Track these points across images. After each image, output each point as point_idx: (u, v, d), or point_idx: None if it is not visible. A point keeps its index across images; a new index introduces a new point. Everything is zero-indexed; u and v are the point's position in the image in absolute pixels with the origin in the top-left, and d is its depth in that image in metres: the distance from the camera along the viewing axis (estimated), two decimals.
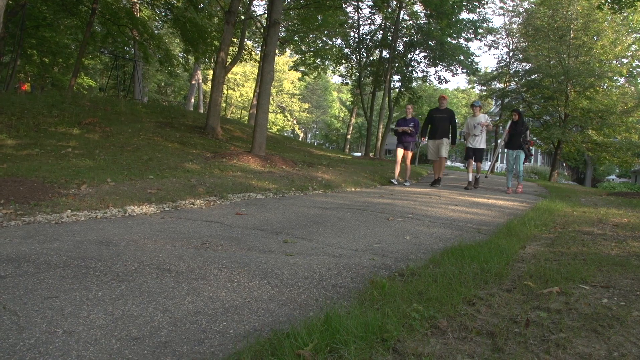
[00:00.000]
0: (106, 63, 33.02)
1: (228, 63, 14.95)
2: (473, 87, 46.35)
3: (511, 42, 34.47)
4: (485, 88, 37.83)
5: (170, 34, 31.00)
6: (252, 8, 18.84)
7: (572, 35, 25.64)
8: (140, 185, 6.85)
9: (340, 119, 69.56)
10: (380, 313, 2.41)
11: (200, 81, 39.17)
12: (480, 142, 11.20)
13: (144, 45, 22.01)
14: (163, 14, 22.37)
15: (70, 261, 3.24)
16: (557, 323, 2.31)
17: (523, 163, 10.94)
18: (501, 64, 35.13)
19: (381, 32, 26.56)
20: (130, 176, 7.34)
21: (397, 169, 11.98)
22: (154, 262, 3.25)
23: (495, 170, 35.39)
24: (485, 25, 26.84)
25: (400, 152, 11.71)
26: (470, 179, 11.38)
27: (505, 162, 9.70)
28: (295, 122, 65.69)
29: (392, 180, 11.79)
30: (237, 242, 4.15)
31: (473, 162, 11.40)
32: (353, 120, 49.86)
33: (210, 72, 19.29)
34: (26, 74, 29.79)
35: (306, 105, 66.21)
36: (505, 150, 11.14)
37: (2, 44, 20.68)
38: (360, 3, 25.11)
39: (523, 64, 32.36)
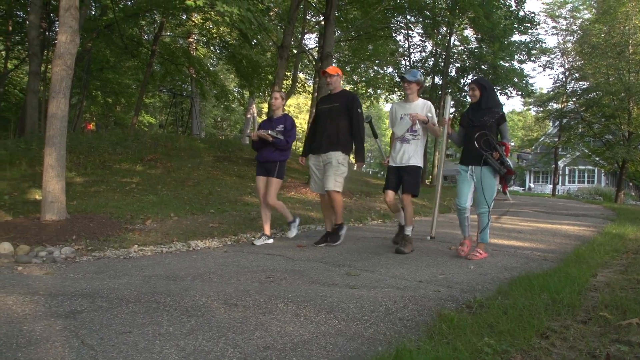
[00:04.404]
0: (165, 101, 34.28)
1: None
2: (529, 109, 45.36)
3: (566, 61, 33.67)
4: (541, 109, 36.94)
5: (225, 70, 31.96)
6: (304, 42, 19.23)
7: (631, 50, 24.86)
8: (202, 220, 7.02)
9: None
10: (452, 347, 2.36)
11: (255, 115, 39.93)
12: (411, 154, 5.68)
13: (201, 82, 22.80)
14: (218, 51, 23.14)
15: (141, 296, 3.33)
16: None
17: (495, 192, 5.26)
18: (557, 84, 34.30)
19: (432, 58, 26.48)
20: (192, 210, 7.53)
21: (263, 214, 6.43)
22: (220, 297, 3.30)
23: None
24: (538, 46, 26.34)
25: (260, 182, 6.33)
26: (402, 222, 5.92)
27: (458, 188, 5.39)
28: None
29: (255, 242, 6.18)
30: (301, 275, 4.17)
31: (400, 197, 5.87)
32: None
33: (265, 105, 19.71)
34: (91, 113, 31.29)
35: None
36: (459, 167, 5.41)
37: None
38: (410, 31, 25.18)
39: (580, 82, 31.56)
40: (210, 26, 20.14)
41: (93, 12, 18.93)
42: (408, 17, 22.41)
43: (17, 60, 24.56)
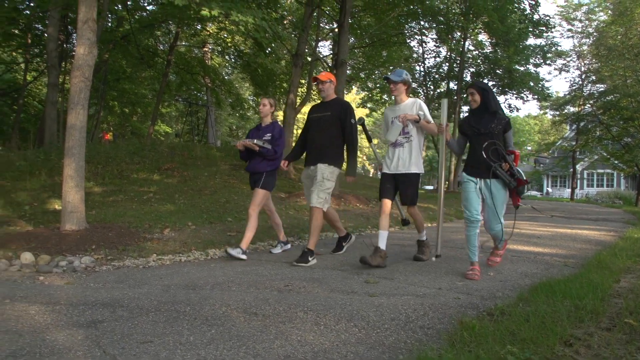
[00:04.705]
0: (181, 110, 34.54)
1: (298, 104, 15.30)
2: (545, 113, 44.93)
3: (582, 64, 33.32)
4: (558, 113, 36.58)
5: (240, 79, 32.15)
6: (318, 49, 19.29)
7: None
8: (219, 228, 7.05)
9: None
10: (474, 356, 2.34)
11: None
12: (406, 159, 5.28)
13: (216, 91, 23.00)
14: (233, 60, 23.31)
15: (161, 305, 3.35)
16: None
17: (505, 206, 4.82)
18: (573, 87, 33.95)
19: (447, 64, 26.41)
20: (210, 219, 7.57)
21: (274, 225, 6.45)
22: (240, 306, 3.31)
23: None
24: (553, 49, 26.14)
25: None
26: (379, 244, 5.17)
27: (464, 203, 4.82)
28: (364, 157, 65.75)
29: (272, 250, 6.25)
30: (319, 284, 4.16)
31: (399, 206, 5.84)
32: (423, 154, 49.37)
33: (280, 113, 19.78)
34: (108, 124, 31.59)
35: (375, 141, 65.94)
36: (462, 176, 4.93)
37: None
38: (424, 37, 25.14)
39: (597, 85, 31.21)
40: (225, 35, 20.30)
41: (110, 24, 19.16)
42: (422, 22, 22.39)
43: (35, 73, 24.93)
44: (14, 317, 3.05)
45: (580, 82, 33.28)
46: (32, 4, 18.11)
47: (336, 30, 16.13)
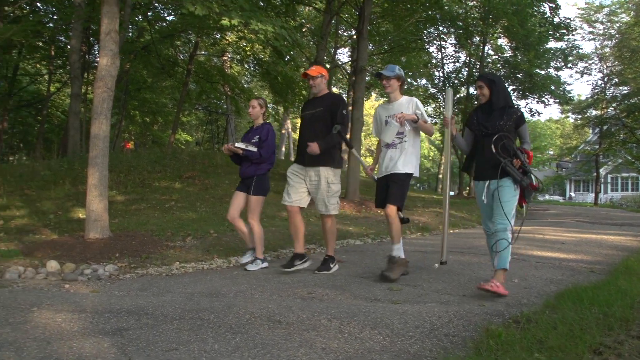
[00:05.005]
0: (201, 118, 34.83)
1: None
2: (567, 117, 44.41)
3: (605, 66, 32.87)
4: (580, 116, 36.13)
5: (259, 87, 32.33)
6: (337, 56, 19.34)
7: None
8: (241, 236, 7.05)
9: (430, 158, 68.53)
10: None
11: (290, 130, 40.23)
12: (397, 158, 4.81)
13: (236, 99, 23.13)
14: (252, 68, 23.45)
15: (185, 313, 3.36)
16: None
17: (514, 206, 4.18)
18: (596, 90, 33.51)
19: (466, 69, 26.27)
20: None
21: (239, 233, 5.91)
22: (264, 314, 3.31)
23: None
24: (575, 52, 25.85)
25: (235, 197, 5.66)
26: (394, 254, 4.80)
27: (481, 209, 4.52)
28: None
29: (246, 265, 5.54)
30: (342, 291, 4.15)
31: (390, 212, 4.73)
32: (444, 159, 49.07)
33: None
34: (130, 133, 32.00)
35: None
36: (474, 183, 4.67)
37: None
38: (443, 42, 25.07)
39: (620, 88, 30.77)
40: (244, 44, 20.44)
41: (130, 34, 19.44)
42: (440, 28, 22.34)
43: (59, 84, 25.39)
44: (42, 325, 3.09)
45: (602, 85, 32.83)
46: (55, 17, 18.49)
47: (355, 37, 16.18)
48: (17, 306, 3.48)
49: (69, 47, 17.29)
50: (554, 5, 18.30)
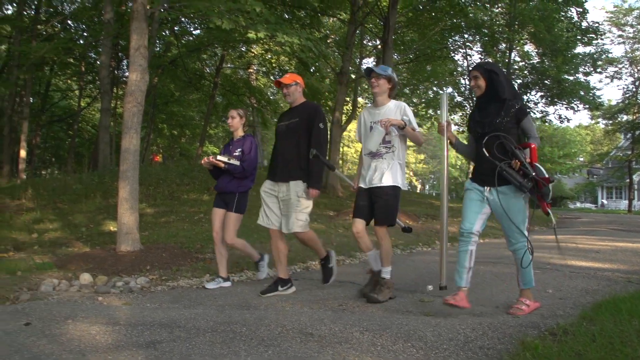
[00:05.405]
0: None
1: (344, 122, 15.33)
2: (597, 122, 43.61)
3: (636, 70, 32.26)
4: (611, 122, 35.44)
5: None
6: (362, 66, 19.34)
7: None
8: (270, 248, 7.06)
9: (458, 167, 67.98)
10: None
11: None
12: (387, 171, 4.33)
13: (262, 111, 23.33)
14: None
15: (217, 326, 3.37)
16: None
17: (526, 215, 3.75)
18: (627, 95, 32.85)
19: None
20: (260, 239, 7.60)
21: (217, 254, 5.32)
22: (295, 326, 3.29)
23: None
24: (604, 56, 25.41)
25: (215, 215, 5.25)
26: (373, 268, 4.50)
27: (464, 208, 3.92)
28: (412, 174, 65.15)
29: (207, 285, 5.14)
30: (373, 303, 4.11)
31: (380, 234, 4.36)
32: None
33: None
34: (158, 146, 32.49)
35: (422, 157, 65.52)
36: (467, 183, 4.05)
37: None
38: (468, 50, 24.90)
39: None
40: (270, 56, 20.63)
41: (158, 49, 19.78)
42: (466, 35, 22.17)
43: (89, 99, 25.96)
44: (77, 337, 3.12)
45: (634, 89, 32.19)
46: (85, 34, 18.94)
47: (380, 47, 16.19)
48: (52, 318, 3.54)
49: (98, 62, 17.70)
50: (581, 10, 18.07)
